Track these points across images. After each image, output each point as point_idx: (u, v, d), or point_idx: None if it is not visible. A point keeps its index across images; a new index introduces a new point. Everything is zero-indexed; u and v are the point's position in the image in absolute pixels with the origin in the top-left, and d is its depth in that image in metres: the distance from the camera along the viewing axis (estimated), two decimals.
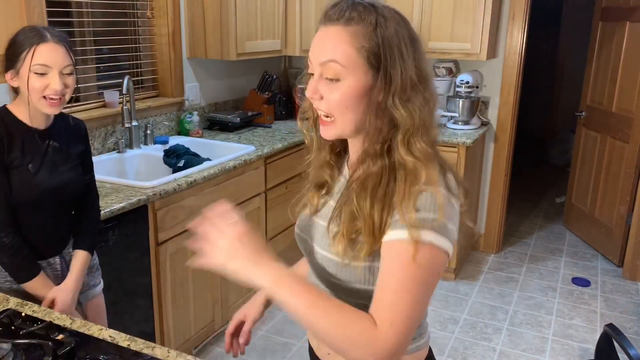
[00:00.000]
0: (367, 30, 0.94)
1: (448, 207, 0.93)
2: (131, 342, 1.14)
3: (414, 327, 0.92)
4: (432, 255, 0.91)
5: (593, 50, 4.09)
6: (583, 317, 3.16)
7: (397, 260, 0.91)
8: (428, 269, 0.91)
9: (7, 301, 1.31)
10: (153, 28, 3.06)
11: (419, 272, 0.90)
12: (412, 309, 0.90)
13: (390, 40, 0.94)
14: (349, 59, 0.95)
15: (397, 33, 0.95)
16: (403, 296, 0.90)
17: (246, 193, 2.79)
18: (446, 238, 0.92)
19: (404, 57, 0.95)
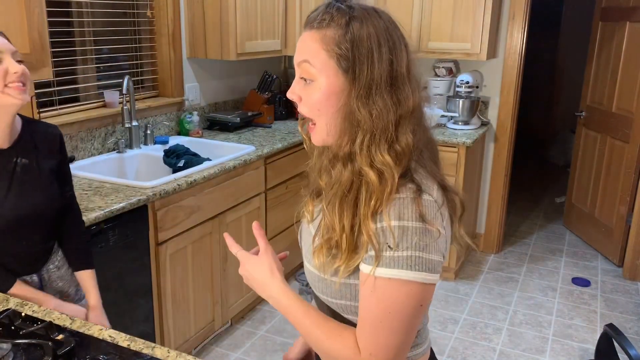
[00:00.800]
0: (338, 33, 0.94)
1: (421, 237, 0.90)
2: (131, 342, 1.14)
3: (400, 353, 0.94)
4: (406, 291, 0.91)
5: (593, 50, 4.09)
6: (583, 317, 3.16)
7: (372, 294, 0.93)
8: (403, 303, 0.91)
9: (7, 301, 1.31)
10: (153, 28, 3.06)
11: (394, 307, 0.91)
12: (393, 339, 0.92)
13: (360, 42, 0.94)
14: (320, 60, 0.96)
15: (369, 35, 0.94)
16: (381, 329, 0.92)
17: (246, 193, 2.79)
18: (420, 271, 0.90)
19: (373, 58, 0.94)
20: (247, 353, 2.72)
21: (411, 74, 0.97)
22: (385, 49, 0.94)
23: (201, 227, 2.50)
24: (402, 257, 0.90)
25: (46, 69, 1.87)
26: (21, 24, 1.76)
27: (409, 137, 0.95)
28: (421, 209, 0.91)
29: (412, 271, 0.90)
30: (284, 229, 3.21)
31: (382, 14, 0.98)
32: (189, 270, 2.47)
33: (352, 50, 0.94)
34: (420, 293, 0.92)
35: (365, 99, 0.94)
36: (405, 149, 0.94)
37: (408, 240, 0.90)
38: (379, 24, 0.95)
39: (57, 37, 2.50)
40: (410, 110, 0.95)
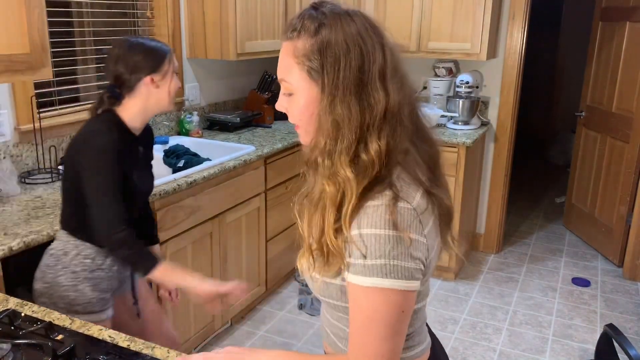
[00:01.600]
0: (308, 44, 0.95)
1: (395, 245, 0.90)
2: (131, 342, 1.14)
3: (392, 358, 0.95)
4: (384, 299, 0.91)
5: (593, 50, 4.09)
6: (583, 317, 3.16)
7: (354, 303, 0.94)
8: (383, 311, 0.92)
9: (7, 301, 1.31)
10: (153, 28, 3.06)
11: (375, 315, 0.92)
12: (380, 347, 0.93)
13: (327, 50, 0.94)
14: (294, 75, 0.98)
15: (336, 42, 0.94)
16: (367, 337, 0.93)
17: (246, 193, 2.79)
18: (396, 279, 0.90)
19: (339, 65, 0.93)
20: None
21: (387, 76, 0.95)
22: (355, 54, 0.94)
23: (201, 227, 2.50)
24: (376, 266, 0.90)
25: (46, 69, 1.87)
26: (21, 24, 1.76)
27: (380, 143, 0.94)
28: (394, 217, 0.91)
29: (387, 279, 0.90)
30: (284, 229, 3.21)
31: (355, 17, 0.97)
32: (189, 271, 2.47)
33: (320, 60, 0.95)
34: (400, 300, 0.92)
35: (329, 107, 0.95)
36: (375, 157, 0.93)
37: (381, 248, 0.90)
38: (349, 29, 0.95)
39: (57, 37, 2.50)
40: (381, 115, 0.94)
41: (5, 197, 2.04)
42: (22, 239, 1.67)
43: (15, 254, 1.66)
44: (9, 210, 1.93)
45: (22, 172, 2.30)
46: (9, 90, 2.25)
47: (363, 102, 0.94)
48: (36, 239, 1.71)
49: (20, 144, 2.30)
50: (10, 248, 1.64)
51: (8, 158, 2.25)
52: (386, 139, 0.94)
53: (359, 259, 0.91)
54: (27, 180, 2.24)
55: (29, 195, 2.08)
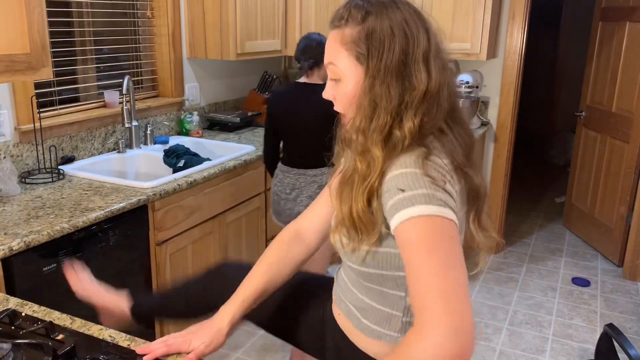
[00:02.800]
0: (355, 30, 1.00)
1: (430, 183, 0.91)
2: (131, 342, 1.14)
3: (459, 297, 0.83)
4: (432, 225, 0.89)
5: (593, 50, 4.09)
6: (583, 317, 3.16)
7: (405, 248, 0.91)
8: (436, 239, 0.88)
9: (7, 301, 1.31)
10: (153, 28, 3.06)
11: (428, 245, 0.87)
12: (442, 281, 0.84)
13: (373, 35, 0.98)
14: (342, 59, 1.02)
15: (382, 28, 0.98)
16: (426, 277, 0.85)
17: (246, 193, 2.79)
18: (439, 206, 0.90)
19: (384, 48, 0.98)
20: (247, 353, 2.72)
21: (431, 59, 1.00)
22: (399, 38, 0.98)
23: (201, 227, 2.50)
24: (417, 195, 0.91)
25: (46, 69, 1.87)
26: (21, 24, 1.76)
27: (415, 120, 0.98)
28: (426, 165, 0.94)
29: (430, 205, 0.89)
30: None
31: (401, 5, 1.02)
32: (189, 270, 2.47)
33: (367, 45, 0.99)
34: (446, 227, 0.89)
35: (369, 87, 0.99)
36: (407, 133, 0.97)
37: (418, 181, 0.92)
38: (394, 16, 0.99)
39: (57, 37, 2.50)
40: (421, 95, 0.98)
41: (5, 197, 2.04)
42: (22, 239, 1.67)
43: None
44: (9, 210, 1.93)
45: (22, 172, 2.30)
46: (9, 90, 2.25)
47: (405, 82, 0.98)
48: (36, 239, 1.71)
49: (20, 144, 2.30)
50: (11, 248, 1.64)
51: (8, 158, 2.25)
52: (421, 117, 0.98)
53: (397, 195, 0.92)
54: (27, 180, 2.24)
55: (29, 195, 2.09)
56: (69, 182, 2.25)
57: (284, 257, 1.28)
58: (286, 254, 1.28)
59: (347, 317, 1.20)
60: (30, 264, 1.72)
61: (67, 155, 2.49)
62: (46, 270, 1.78)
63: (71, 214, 1.89)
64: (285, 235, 1.31)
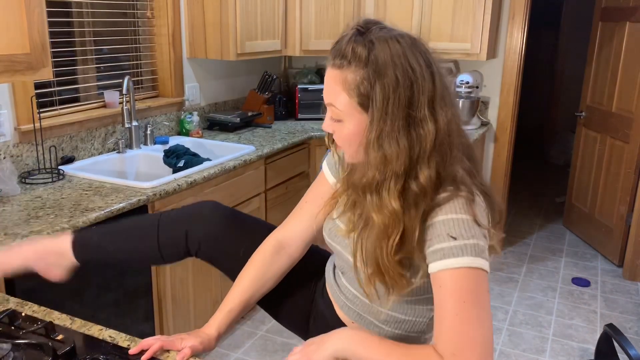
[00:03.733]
0: (358, 75, 0.97)
1: (479, 229, 0.95)
2: (131, 342, 1.14)
3: (485, 347, 0.90)
4: (475, 276, 0.93)
5: (593, 50, 4.09)
6: (583, 317, 3.16)
7: (443, 290, 0.94)
8: (475, 290, 0.92)
9: (7, 301, 1.31)
10: (153, 28, 3.06)
11: (467, 295, 0.92)
12: (474, 331, 0.91)
13: (377, 82, 0.95)
14: (344, 104, 1.00)
15: (386, 73, 0.94)
16: (459, 323, 0.91)
17: (246, 193, 2.79)
18: (483, 258, 0.94)
19: (388, 98, 0.95)
20: (247, 353, 2.72)
21: (436, 104, 0.97)
22: (404, 87, 0.95)
23: None
24: (469, 245, 0.92)
25: (46, 69, 1.87)
26: (21, 24, 1.76)
27: (430, 172, 0.96)
28: (475, 212, 0.95)
29: (479, 258, 0.93)
30: None
31: (404, 42, 0.98)
32: (189, 270, 2.47)
33: (370, 93, 0.96)
34: (485, 279, 0.94)
35: (377, 141, 0.97)
36: (426, 184, 0.96)
37: (470, 230, 0.93)
38: (400, 60, 0.95)
39: (57, 37, 2.50)
40: (431, 145, 0.96)
41: (5, 197, 2.04)
42: (22, 239, 1.67)
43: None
44: (9, 210, 1.93)
45: (22, 172, 2.30)
46: (9, 90, 2.25)
47: (412, 135, 0.96)
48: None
49: (20, 144, 2.30)
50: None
51: (8, 158, 2.25)
52: (436, 167, 0.97)
53: (447, 242, 0.93)
54: (27, 180, 2.24)
55: (29, 195, 2.09)
56: (69, 182, 2.25)
57: (267, 271, 1.29)
58: (269, 267, 1.29)
59: (364, 326, 1.20)
60: None
61: (67, 155, 2.49)
62: None
63: (71, 214, 1.89)
64: (267, 248, 1.30)
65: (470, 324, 0.91)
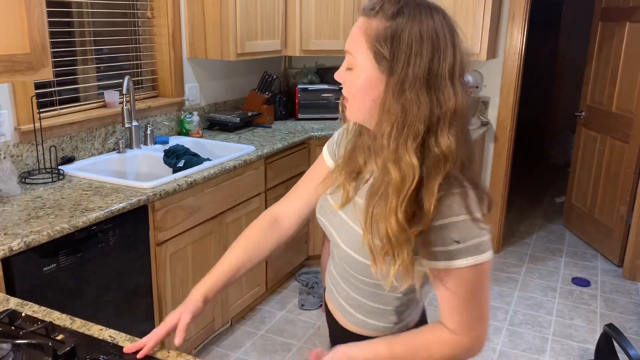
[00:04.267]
0: (382, 26, 0.96)
1: (479, 227, 0.97)
2: (131, 342, 1.14)
3: (487, 319, 1.06)
4: (480, 271, 1.00)
5: (593, 50, 4.09)
6: (583, 317, 3.16)
7: (451, 284, 1.01)
8: (481, 282, 1.02)
9: (8, 301, 1.31)
10: (153, 28, 3.06)
11: (475, 288, 1.01)
12: (481, 311, 1.04)
13: (400, 39, 0.94)
14: (361, 53, 0.99)
15: (411, 33, 0.94)
16: (469, 308, 1.03)
17: (246, 193, 2.79)
18: (488, 250, 0.99)
19: (410, 56, 0.94)
20: (247, 353, 2.72)
21: (455, 77, 0.96)
22: (427, 47, 0.94)
23: (201, 227, 2.50)
24: (472, 246, 0.97)
25: (46, 69, 1.87)
26: (21, 24, 1.76)
27: (451, 140, 0.95)
28: (471, 208, 0.97)
29: (483, 254, 0.98)
30: None
31: (435, 13, 0.97)
32: (189, 270, 2.47)
33: (391, 47, 0.95)
34: (488, 266, 1.01)
35: (398, 92, 0.95)
36: (447, 152, 0.94)
37: (471, 231, 0.96)
38: (426, 23, 0.95)
39: (57, 37, 2.50)
40: (452, 112, 0.95)
41: (5, 197, 2.04)
42: (22, 239, 1.68)
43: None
44: (9, 210, 1.93)
45: (23, 172, 2.30)
46: (9, 90, 2.25)
47: (432, 95, 0.95)
48: (36, 239, 1.71)
49: (20, 144, 2.30)
50: (11, 248, 1.64)
51: (8, 158, 2.25)
52: (456, 137, 0.96)
53: (452, 246, 0.96)
54: (27, 180, 2.24)
55: (29, 195, 2.09)
56: (69, 183, 2.26)
57: (260, 242, 1.30)
58: (263, 239, 1.30)
59: (341, 314, 1.23)
60: (30, 264, 1.72)
61: (67, 155, 2.49)
62: (46, 270, 1.78)
63: (71, 214, 1.89)
64: (263, 220, 1.32)
65: (479, 308, 1.03)
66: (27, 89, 2.29)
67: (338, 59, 4.26)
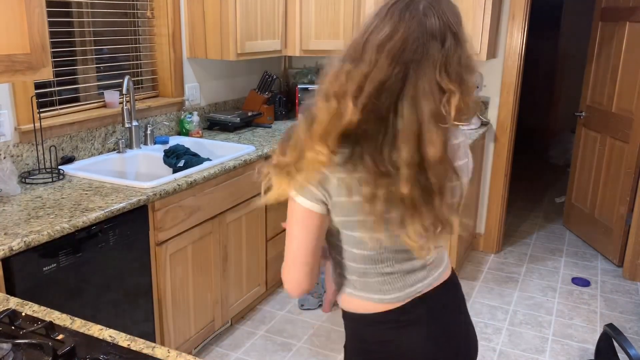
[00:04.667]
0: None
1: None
2: (131, 342, 1.14)
3: (292, 261, 1.28)
4: (291, 206, 1.23)
5: (593, 50, 4.09)
6: (583, 317, 3.16)
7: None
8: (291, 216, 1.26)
9: (8, 301, 1.31)
10: (153, 28, 3.06)
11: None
12: (288, 247, 1.30)
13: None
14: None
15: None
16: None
17: (246, 193, 2.79)
18: (303, 197, 1.19)
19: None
20: (247, 353, 2.72)
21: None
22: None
23: (201, 227, 2.50)
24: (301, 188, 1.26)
25: (46, 69, 1.87)
26: (21, 24, 1.76)
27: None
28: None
29: (304, 198, 1.26)
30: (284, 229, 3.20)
31: (440, 12, 1.14)
32: (189, 270, 2.47)
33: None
34: (303, 214, 1.29)
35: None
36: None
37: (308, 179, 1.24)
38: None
39: (57, 37, 2.50)
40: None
41: (5, 197, 2.04)
42: (22, 239, 1.68)
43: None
44: (9, 210, 1.93)
45: (23, 172, 2.30)
46: (9, 90, 2.25)
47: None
48: (36, 239, 1.71)
49: (20, 144, 2.30)
50: (11, 248, 1.64)
51: (8, 158, 2.25)
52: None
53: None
54: (27, 180, 2.24)
55: (29, 195, 2.09)
56: (69, 182, 2.26)
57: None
58: None
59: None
60: (30, 264, 1.72)
61: (67, 155, 2.49)
62: (46, 270, 1.78)
63: (71, 214, 1.89)
64: None
65: (288, 242, 1.38)
66: (27, 89, 2.29)
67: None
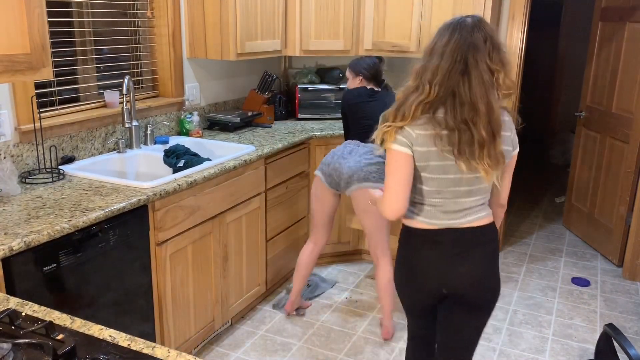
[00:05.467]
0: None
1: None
2: (131, 342, 1.14)
3: (391, 192, 1.66)
4: (390, 154, 1.64)
5: (593, 50, 4.09)
6: (583, 317, 3.16)
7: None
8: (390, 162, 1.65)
9: (8, 301, 1.31)
10: (153, 28, 3.06)
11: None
12: (387, 184, 1.67)
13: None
14: None
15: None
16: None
17: (246, 193, 2.79)
18: (398, 144, 1.61)
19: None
20: (247, 353, 2.72)
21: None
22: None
23: (201, 227, 2.50)
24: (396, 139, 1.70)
25: (46, 69, 1.87)
26: (21, 24, 1.76)
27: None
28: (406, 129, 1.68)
29: (399, 145, 1.68)
30: (284, 229, 3.21)
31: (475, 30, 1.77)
32: (189, 270, 2.47)
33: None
34: (399, 158, 1.68)
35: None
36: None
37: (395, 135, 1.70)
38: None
39: (57, 37, 2.50)
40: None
41: (5, 197, 2.04)
42: (22, 239, 1.68)
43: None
44: (10, 210, 1.93)
45: (23, 172, 2.30)
46: (9, 90, 2.25)
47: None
48: (36, 239, 1.71)
49: (20, 144, 2.30)
50: (11, 248, 1.64)
51: (8, 158, 2.25)
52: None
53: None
54: (27, 180, 2.24)
55: (29, 195, 2.09)
56: (69, 182, 2.26)
57: None
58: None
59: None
60: (30, 264, 1.72)
61: (67, 155, 2.49)
62: (46, 270, 1.78)
63: (71, 214, 1.89)
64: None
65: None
66: (27, 88, 2.29)
67: (338, 59, 4.24)
